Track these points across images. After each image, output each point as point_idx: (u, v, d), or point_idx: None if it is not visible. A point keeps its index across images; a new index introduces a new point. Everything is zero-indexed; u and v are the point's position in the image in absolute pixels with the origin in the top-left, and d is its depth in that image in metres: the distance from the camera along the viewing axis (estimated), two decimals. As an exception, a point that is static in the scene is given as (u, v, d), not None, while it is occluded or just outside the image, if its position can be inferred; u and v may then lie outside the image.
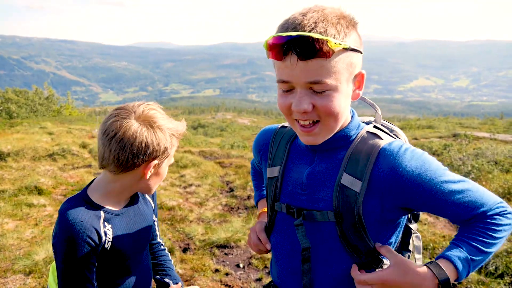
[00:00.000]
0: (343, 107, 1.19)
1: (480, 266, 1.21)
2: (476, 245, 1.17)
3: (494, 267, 4.17)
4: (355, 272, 1.24)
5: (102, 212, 1.50)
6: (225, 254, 5.01)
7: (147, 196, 1.77)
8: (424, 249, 4.86)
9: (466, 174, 8.88)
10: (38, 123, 19.38)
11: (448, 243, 5.01)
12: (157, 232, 1.91)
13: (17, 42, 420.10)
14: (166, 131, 1.49)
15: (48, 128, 16.96)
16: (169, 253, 1.97)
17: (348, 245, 1.26)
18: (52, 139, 13.32)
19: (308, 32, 1.08)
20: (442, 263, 1.16)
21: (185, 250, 5.07)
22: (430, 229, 5.39)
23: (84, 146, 11.66)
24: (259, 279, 4.36)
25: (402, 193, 1.19)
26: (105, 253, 1.49)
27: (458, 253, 1.17)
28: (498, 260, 4.23)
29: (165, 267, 1.90)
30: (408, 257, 1.45)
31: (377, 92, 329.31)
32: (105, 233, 1.48)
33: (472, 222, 1.21)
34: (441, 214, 1.22)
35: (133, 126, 1.43)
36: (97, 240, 1.44)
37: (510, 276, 4.05)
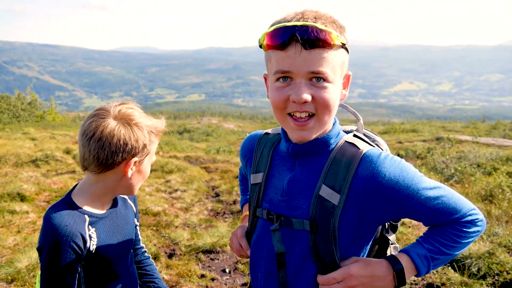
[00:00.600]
0: (336, 103, 1.24)
1: (441, 265, 1.30)
2: (439, 246, 1.25)
3: (476, 268, 4.23)
4: (320, 277, 1.28)
5: (86, 216, 1.50)
6: (211, 259, 5.00)
7: (128, 200, 1.78)
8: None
9: (449, 177, 9.00)
10: (21, 129, 19.12)
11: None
12: (140, 237, 1.91)
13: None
14: (144, 128, 1.52)
15: (31, 133, 16.75)
16: (153, 260, 1.97)
17: (316, 255, 1.28)
18: (35, 145, 13.15)
19: (312, 23, 1.15)
20: (400, 256, 1.25)
21: (170, 256, 5.05)
22: (415, 232, 5.45)
23: (68, 151, 11.53)
24: (245, 284, 4.36)
25: (380, 200, 1.22)
26: (90, 257, 1.49)
27: (418, 250, 1.25)
28: (480, 261, 4.29)
29: (153, 278, 1.90)
30: None
31: (362, 96, 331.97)
32: (90, 237, 1.49)
33: (442, 226, 1.26)
34: (416, 219, 1.27)
35: (111, 124, 1.45)
36: (81, 245, 1.44)
37: (492, 277, 4.11)
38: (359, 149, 1.26)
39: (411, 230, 5.52)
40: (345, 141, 1.31)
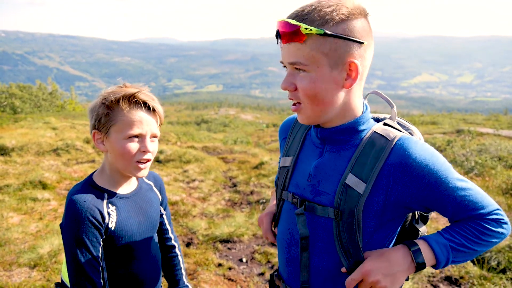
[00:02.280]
0: (324, 91, 1.25)
1: (464, 260, 1.27)
2: (460, 238, 1.24)
3: (496, 262, 4.19)
4: (346, 283, 1.28)
5: (105, 194, 1.55)
6: (228, 248, 5.03)
7: (154, 187, 1.81)
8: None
9: (470, 170, 8.87)
10: (42, 118, 19.44)
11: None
12: (168, 227, 1.92)
13: (21, 37, 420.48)
14: (100, 96, 1.53)
15: (52, 123, 17.01)
16: (180, 257, 1.97)
17: (340, 244, 1.29)
18: (56, 134, 13.36)
19: (291, 18, 1.22)
20: (418, 241, 1.26)
21: (188, 245, 5.10)
22: (433, 224, 5.40)
23: (87, 141, 11.69)
24: (262, 274, 4.39)
25: (407, 182, 1.22)
26: (111, 234, 1.53)
27: (437, 238, 1.25)
28: (500, 255, 4.24)
29: (176, 270, 1.94)
30: None
31: (381, 88, 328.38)
32: (109, 214, 1.53)
33: (466, 221, 1.25)
34: (441, 210, 1.26)
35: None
36: (100, 220, 1.48)
37: (512, 271, 4.06)
38: (389, 139, 1.26)
39: (429, 222, 5.47)
40: (374, 131, 1.31)
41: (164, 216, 1.89)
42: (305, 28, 1.19)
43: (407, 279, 1.48)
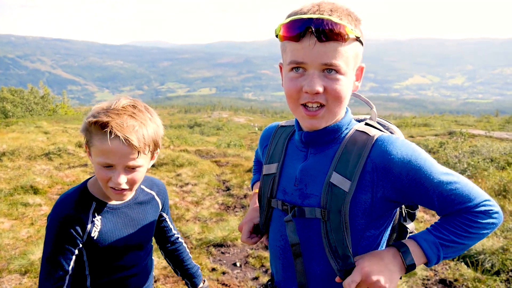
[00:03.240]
0: (348, 95, 1.26)
1: (455, 254, 1.26)
2: (448, 234, 1.22)
3: (490, 264, 4.19)
4: (343, 282, 1.26)
5: (94, 203, 1.53)
6: (222, 253, 5.01)
7: (156, 197, 1.77)
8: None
9: (462, 172, 8.91)
10: (34, 122, 19.32)
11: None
12: (171, 226, 1.92)
13: (13, 41, 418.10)
14: (86, 118, 1.46)
15: (43, 127, 16.91)
16: (185, 244, 1.99)
17: (329, 245, 1.28)
18: (47, 138, 13.27)
19: (328, 16, 1.16)
20: (407, 241, 1.25)
21: (181, 249, 5.07)
22: (427, 226, 5.40)
23: (80, 145, 11.61)
24: (256, 278, 4.36)
25: (391, 180, 1.22)
26: (93, 243, 1.51)
27: (425, 236, 1.24)
28: (494, 257, 4.24)
29: (184, 264, 1.95)
30: None
31: (373, 90, 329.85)
32: (93, 223, 1.50)
33: (454, 215, 1.23)
34: (428, 204, 1.25)
35: None
36: (79, 229, 1.47)
37: (506, 273, 4.07)
38: (370, 135, 1.28)
39: (423, 225, 5.48)
40: (356, 130, 1.33)
41: (167, 219, 1.88)
42: (351, 29, 1.17)
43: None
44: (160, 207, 1.80)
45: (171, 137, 16.42)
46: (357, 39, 1.22)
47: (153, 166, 9.86)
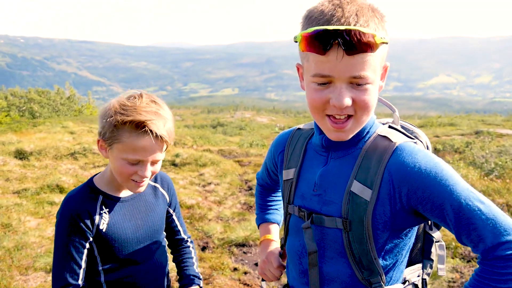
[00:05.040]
0: (375, 101, 1.19)
1: None
2: None
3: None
4: None
5: (100, 196, 1.57)
6: (244, 252, 5.00)
7: (160, 188, 1.78)
8: (446, 248, 4.78)
9: (489, 172, 8.71)
10: (60, 123, 19.68)
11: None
12: (180, 228, 1.89)
13: (40, 43, 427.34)
14: (112, 106, 1.47)
15: (69, 127, 17.21)
16: (192, 249, 1.93)
17: (352, 255, 1.23)
18: (73, 138, 13.51)
19: (354, 25, 1.07)
20: None
21: (204, 249, 5.08)
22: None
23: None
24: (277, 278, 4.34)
25: (408, 194, 1.15)
26: (102, 237, 1.54)
27: None
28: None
29: (184, 266, 1.89)
30: (431, 267, 1.41)
31: (397, 89, 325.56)
32: (101, 216, 1.54)
33: (479, 262, 1.11)
34: (444, 225, 1.16)
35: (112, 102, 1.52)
36: (88, 222, 1.50)
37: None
38: (392, 141, 1.20)
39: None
40: (378, 134, 1.26)
41: (174, 217, 1.87)
42: (381, 37, 1.08)
43: (425, 286, 1.43)
44: (168, 200, 1.80)
45: (194, 137, 16.51)
46: (385, 42, 1.12)
47: (176, 165, 9.95)
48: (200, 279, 1.86)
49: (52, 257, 4.44)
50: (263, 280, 1.68)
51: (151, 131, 1.43)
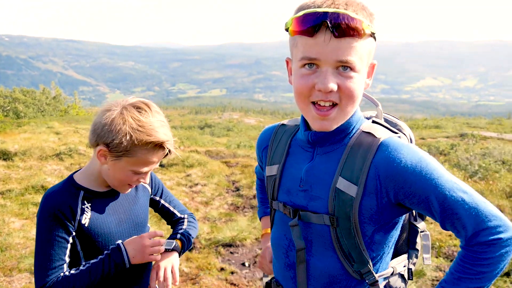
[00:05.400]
0: (361, 93, 1.21)
1: None
2: (465, 284, 1.12)
3: None
4: None
5: (81, 192, 1.56)
6: (231, 253, 5.02)
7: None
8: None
9: (473, 174, 8.84)
10: (45, 123, 19.47)
11: (454, 242, 4.99)
12: (173, 210, 1.91)
13: (25, 42, 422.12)
14: (128, 130, 1.46)
15: (55, 127, 17.04)
16: (187, 220, 1.93)
17: (341, 250, 1.25)
18: (59, 139, 13.39)
19: (344, 10, 1.10)
20: None
21: (190, 249, 5.08)
22: (437, 228, 5.37)
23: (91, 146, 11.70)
24: (267, 280, 4.36)
25: (395, 189, 1.18)
26: (85, 231, 1.54)
27: None
28: (505, 260, 4.20)
29: (177, 229, 1.89)
30: (416, 256, 1.44)
31: (384, 92, 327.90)
32: (83, 210, 1.54)
33: (462, 248, 1.16)
34: (430, 216, 1.20)
35: (114, 109, 1.50)
36: (69, 216, 1.50)
37: (517, 275, 4.03)
38: (376, 137, 1.22)
39: (433, 226, 5.44)
40: (362, 131, 1.27)
41: (163, 202, 1.88)
42: (368, 25, 1.12)
43: (410, 278, 1.46)
44: (150, 190, 1.82)
45: (181, 138, 16.47)
46: (372, 35, 1.17)
47: (163, 166, 9.92)
48: (185, 237, 1.83)
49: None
50: (264, 275, 1.72)
51: (169, 150, 1.57)
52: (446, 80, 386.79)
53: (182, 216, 1.94)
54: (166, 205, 1.89)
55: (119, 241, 1.61)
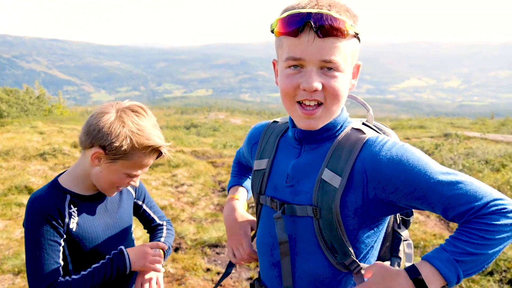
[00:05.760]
0: (345, 93, 1.24)
1: (479, 269, 1.12)
2: (462, 246, 1.09)
3: None
4: None
5: (68, 195, 1.55)
6: (217, 253, 5.00)
7: None
8: (415, 247, 4.88)
9: (457, 174, 8.94)
10: (29, 123, 19.21)
11: (438, 242, 5.04)
12: (153, 216, 1.92)
13: (9, 41, 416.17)
14: (128, 133, 1.48)
15: (39, 127, 16.81)
16: (165, 228, 1.93)
17: (323, 242, 1.26)
18: (43, 139, 13.21)
19: (327, 11, 1.14)
20: (420, 264, 1.13)
21: (176, 250, 5.06)
22: (421, 228, 5.41)
23: (75, 145, 11.58)
24: (250, 278, 4.36)
25: (382, 182, 1.18)
26: (72, 235, 1.53)
27: (439, 254, 1.11)
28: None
29: (156, 235, 1.90)
30: (398, 264, 1.44)
31: (370, 92, 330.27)
32: (70, 214, 1.53)
33: (464, 221, 1.12)
34: (429, 207, 1.17)
35: (110, 112, 1.50)
36: (58, 219, 1.49)
37: (499, 273, 4.09)
38: (364, 133, 1.25)
39: (417, 226, 5.49)
40: (352, 127, 1.31)
41: (145, 207, 1.88)
42: (351, 25, 1.15)
43: None
44: (133, 194, 1.82)
45: (167, 138, 16.37)
46: (356, 35, 1.20)
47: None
48: (168, 247, 1.84)
49: (20, 260, 4.34)
50: (230, 263, 1.65)
51: (165, 154, 1.62)
52: (430, 80, 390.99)
53: (161, 222, 1.94)
54: (148, 210, 1.90)
55: (121, 247, 1.62)
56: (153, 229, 1.93)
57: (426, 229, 5.37)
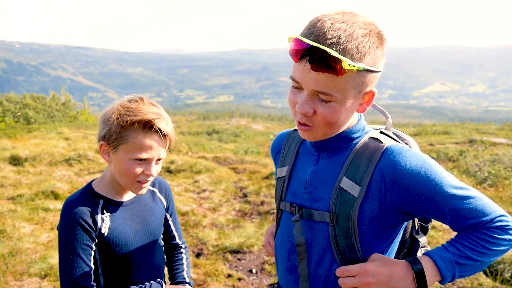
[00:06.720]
0: (343, 119, 1.25)
1: (472, 272, 1.21)
2: (464, 250, 1.18)
3: (510, 273, 4.12)
4: (338, 269, 1.27)
5: (101, 200, 1.59)
6: (238, 259, 5.02)
7: (158, 193, 1.82)
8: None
9: (483, 180, 8.77)
10: (55, 129, 19.63)
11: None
12: (175, 233, 1.93)
13: (36, 48, 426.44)
14: (115, 111, 1.52)
15: (64, 133, 17.17)
16: (185, 255, 1.96)
17: (337, 248, 1.28)
18: (68, 145, 13.49)
19: (328, 45, 1.11)
20: (422, 258, 1.20)
21: (198, 255, 5.10)
22: (445, 236, 5.34)
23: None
24: (271, 285, 4.36)
25: (400, 192, 1.20)
26: (103, 241, 1.56)
27: (441, 253, 1.20)
28: (514, 267, 4.17)
29: (175, 270, 1.91)
30: None
31: (392, 97, 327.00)
32: (102, 219, 1.56)
33: (468, 230, 1.20)
34: (439, 218, 1.23)
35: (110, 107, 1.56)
36: (91, 223, 1.52)
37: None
38: (382, 143, 1.27)
39: (441, 234, 5.42)
40: (370, 136, 1.32)
41: (170, 222, 1.90)
42: (349, 65, 1.10)
43: None
44: (165, 205, 1.84)
45: (189, 143, 16.53)
46: (365, 70, 1.15)
47: (171, 172, 9.96)
48: (191, 285, 1.88)
49: (46, 264, 4.44)
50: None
51: (159, 129, 1.52)
52: (454, 85, 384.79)
53: (180, 243, 1.95)
54: (172, 226, 1.91)
55: (161, 280, 1.67)
56: (171, 248, 1.93)
57: (450, 237, 5.29)
